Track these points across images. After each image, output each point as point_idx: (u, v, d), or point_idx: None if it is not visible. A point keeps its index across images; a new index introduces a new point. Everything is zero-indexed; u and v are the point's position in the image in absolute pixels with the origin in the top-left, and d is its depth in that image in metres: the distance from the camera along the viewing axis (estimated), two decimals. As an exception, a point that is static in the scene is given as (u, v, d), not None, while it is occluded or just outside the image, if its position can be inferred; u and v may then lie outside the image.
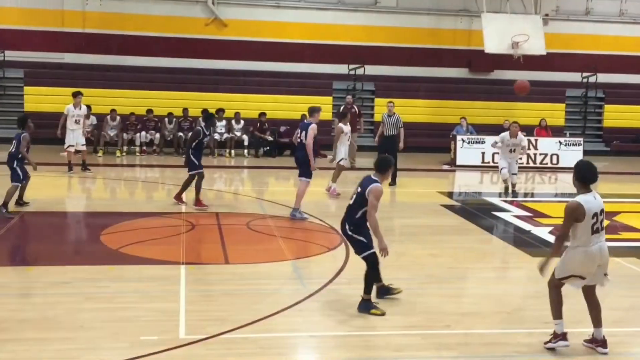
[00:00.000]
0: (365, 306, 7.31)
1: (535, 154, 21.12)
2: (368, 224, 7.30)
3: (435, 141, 22.93)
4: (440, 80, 25.02)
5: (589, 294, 6.58)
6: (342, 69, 24.23)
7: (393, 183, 16.25)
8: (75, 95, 16.64)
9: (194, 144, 12.59)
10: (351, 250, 9.92)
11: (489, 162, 20.64)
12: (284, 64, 24.03)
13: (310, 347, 6.68)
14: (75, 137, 16.55)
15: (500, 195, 15.04)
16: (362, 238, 7.36)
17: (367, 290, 7.36)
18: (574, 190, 6.70)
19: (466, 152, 20.70)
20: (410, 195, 15.78)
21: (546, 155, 21.16)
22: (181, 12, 23.90)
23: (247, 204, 13.41)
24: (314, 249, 10.22)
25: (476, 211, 13.77)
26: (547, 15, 24.80)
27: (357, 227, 7.37)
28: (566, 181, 19.20)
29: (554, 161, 21.07)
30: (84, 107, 16.84)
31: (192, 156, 12.54)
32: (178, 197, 12.75)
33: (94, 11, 23.41)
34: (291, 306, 7.49)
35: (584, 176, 6.34)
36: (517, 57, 22.22)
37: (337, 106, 22.70)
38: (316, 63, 24.22)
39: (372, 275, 7.43)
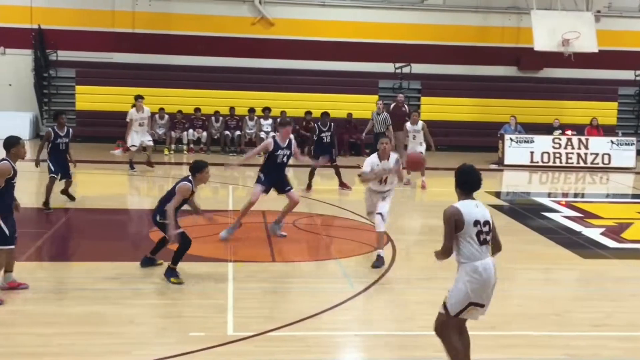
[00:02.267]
0: (171, 274, 8.04)
1: (586, 154, 20.68)
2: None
3: (482, 140, 22.64)
4: (487, 79, 24.70)
5: (460, 326, 5.63)
6: (388, 67, 24.12)
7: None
8: (137, 98, 16.77)
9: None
10: (397, 249, 9.94)
11: (537, 162, 20.32)
12: (330, 62, 24.04)
13: (356, 346, 6.67)
14: (140, 137, 16.68)
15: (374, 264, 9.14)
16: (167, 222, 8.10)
17: (174, 262, 8.09)
18: (627, 191, 6.52)
19: (515, 151, 20.38)
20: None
21: (597, 155, 20.68)
22: (228, 11, 24.11)
23: (293, 202, 13.43)
24: (360, 247, 10.20)
25: (525, 211, 13.57)
26: (599, 11, 24.23)
27: (163, 215, 8.13)
28: (618, 181, 18.79)
29: (605, 161, 20.60)
30: (146, 110, 16.94)
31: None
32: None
33: (143, 11, 23.78)
34: (337, 305, 7.49)
35: (464, 183, 5.51)
36: (568, 54, 21.80)
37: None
38: (362, 62, 24.14)
39: (183, 251, 8.13)
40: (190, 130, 21.29)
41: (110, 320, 6.85)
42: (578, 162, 20.51)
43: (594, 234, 11.50)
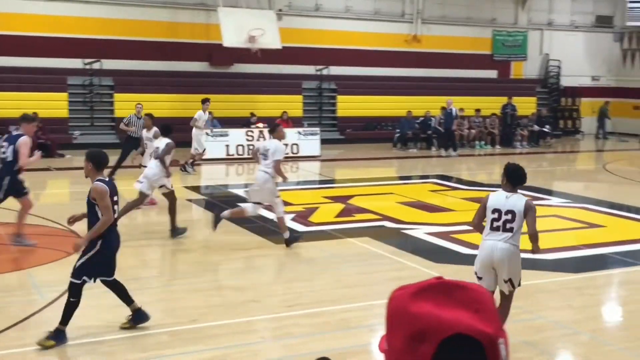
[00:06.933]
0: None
1: (277, 145, 21.83)
2: None
3: (183, 136, 22.70)
4: (182, 74, 24.65)
5: None
6: (77, 63, 23.01)
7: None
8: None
9: None
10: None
11: (233, 155, 21.00)
12: (12, 58, 22.19)
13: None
14: None
15: None
16: None
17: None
18: (314, 177, 7.00)
19: (211, 145, 20.69)
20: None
21: (287, 145, 21.90)
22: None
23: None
24: (51, 254, 9.59)
25: (223, 204, 13.83)
26: (280, 10, 25.71)
27: None
28: (306, 169, 20.20)
29: (295, 150, 21.87)
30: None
31: None
32: None
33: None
34: (26, 318, 7.00)
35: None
36: (255, 50, 22.74)
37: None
38: (51, 57, 22.57)
39: None
40: None
41: None
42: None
43: (286, 219, 12.17)
